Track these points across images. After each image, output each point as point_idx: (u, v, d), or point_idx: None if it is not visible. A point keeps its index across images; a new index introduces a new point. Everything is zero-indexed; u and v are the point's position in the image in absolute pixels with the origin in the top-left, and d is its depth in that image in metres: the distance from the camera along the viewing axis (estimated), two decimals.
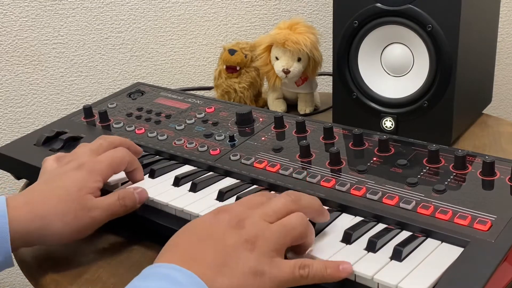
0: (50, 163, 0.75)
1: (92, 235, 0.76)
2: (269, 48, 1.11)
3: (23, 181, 0.94)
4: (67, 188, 0.67)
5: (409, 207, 0.66)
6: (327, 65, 1.14)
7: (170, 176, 0.78)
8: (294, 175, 0.75)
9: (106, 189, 0.73)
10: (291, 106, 1.17)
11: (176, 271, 0.52)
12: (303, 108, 1.15)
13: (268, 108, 1.16)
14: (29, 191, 0.70)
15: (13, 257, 0.66)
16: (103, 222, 0.69)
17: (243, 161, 0.79)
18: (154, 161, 0.82)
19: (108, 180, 0.74)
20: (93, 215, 0.68)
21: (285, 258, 0.58)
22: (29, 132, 1.01)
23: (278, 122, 0.88)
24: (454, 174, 0.71)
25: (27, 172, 0.88)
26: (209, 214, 0.59)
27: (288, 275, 0.55)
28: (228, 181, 0.77)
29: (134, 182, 0.77)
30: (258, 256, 0.54)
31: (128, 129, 0.93)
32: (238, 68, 1.13)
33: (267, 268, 0.54)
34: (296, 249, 0.60)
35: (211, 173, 0.79)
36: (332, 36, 1.00)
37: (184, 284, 0.51)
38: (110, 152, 0.74)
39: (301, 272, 0.55)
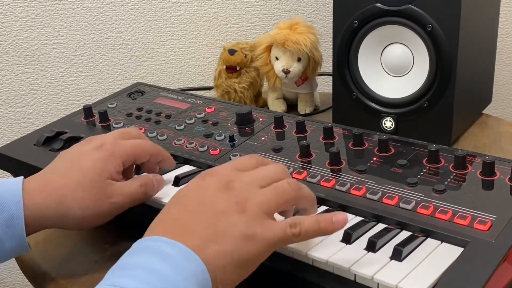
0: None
1: (91, 234, 0.76)
2: (269, 48, 1.11)
3: None
4: (87, 172, 0.65)
5: (409, 207, 0.66)
6: (327, 65, 1.14)
7: (170, 176, 0.78)
8: (294, 175, 0.75)
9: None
10: (291, 106, 1.17)
11: (166, 244, 0.51)
12: (303, 108, 1.15)
13: (268, 108, 1.16)
14: (47, 173, 0.67)
15: (27, 241, 0.65)
16: (124, 209, 0.67)
17: None
18: None
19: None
20: (114, 201, 0.65)
21: None
22: (29, 132, 1.01)
23: (278, 122, 0.88)
24: (454, 174, 0.71)
25: (27, 172, 0.88)
26: (196, 179, 0.58)
27: (280, 235, 0.54)
28: None
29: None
30: (248, 218, 0.54)
31: None
32: (238, 68, 1.13)
33: (258, 230, 0.53)
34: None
35: None
36: (332, 36, 1.00)
37: (174, 257, 0.50)
38: (134, 140, 0.72)
39: (293, 231, 0.54)
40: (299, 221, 0.55)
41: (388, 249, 0.59)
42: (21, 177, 0.66)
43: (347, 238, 0.61)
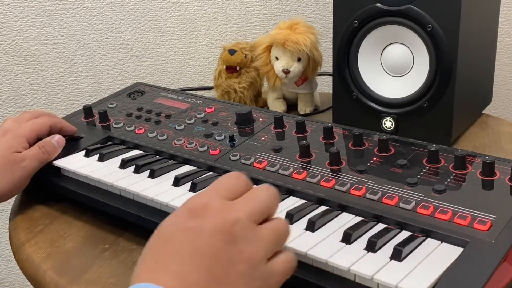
0: None
1: (91, 234, 0.76)
2: (269, 48, 1.11)
3: None
4: None
5: (409, 207, 0.66)
6: (327, 65, 1.14)
7: (170, 176, 0.78)
8: (294, 175, 0.75)
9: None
10: (291, 106, 1.17)
11: None
12: (303, 108, 1.15)
13: (268, 108, 1.16)
14: None
15: None
16: (34, 170, 0.81)
17: (243, 161, 0.79)
18: (154, 161, 0.82)
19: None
20: (24, 165, 0.80)
21: None
22: None
23: (278, 122, 0.88)
24: (454, 174, 0.71)
25: None
26: (181, 217, 0.52)
27: (282, 273, 0.52)
28: None
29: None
30: (255, 267, 0.50)
31: (128, 129, 0.93)
32: (238, 68, 1.13)
33: (265, 275, 0.51)
34: None
35: (211, 173, 0.79)
36: (332, 36, 1.00)
37: None
38: (32, 120, 0.87)
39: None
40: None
41: (388, 249, 0.59)
42: None
43: (347, 238, 0.61)
